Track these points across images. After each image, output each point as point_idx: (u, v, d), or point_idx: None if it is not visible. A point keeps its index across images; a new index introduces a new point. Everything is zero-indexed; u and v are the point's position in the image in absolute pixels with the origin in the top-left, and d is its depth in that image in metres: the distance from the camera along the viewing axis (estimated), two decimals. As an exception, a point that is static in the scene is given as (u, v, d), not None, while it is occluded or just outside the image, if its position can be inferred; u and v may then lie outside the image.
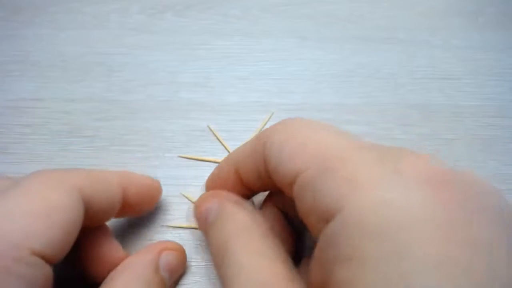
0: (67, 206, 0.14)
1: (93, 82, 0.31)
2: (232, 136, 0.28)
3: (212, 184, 0.21)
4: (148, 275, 0.17)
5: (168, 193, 0.25)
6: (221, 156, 0.27)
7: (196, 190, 0.25)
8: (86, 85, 0.30)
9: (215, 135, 0.28)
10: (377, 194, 0.12)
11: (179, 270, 0.20)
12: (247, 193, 0.20)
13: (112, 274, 0.17)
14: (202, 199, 0.20)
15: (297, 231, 0.21)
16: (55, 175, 0.15)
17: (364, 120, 0.29)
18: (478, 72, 0.33)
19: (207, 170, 0.26)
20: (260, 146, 0.17)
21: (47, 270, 0.14)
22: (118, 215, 0.20)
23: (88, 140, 0.27)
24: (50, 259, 0.14)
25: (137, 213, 0.21)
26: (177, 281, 0.21)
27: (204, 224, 0.19)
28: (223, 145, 0.27)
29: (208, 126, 0.28)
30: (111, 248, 0.18)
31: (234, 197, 0.19)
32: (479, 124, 0.29)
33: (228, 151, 0.27)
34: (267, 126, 0.28)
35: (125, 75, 0.31)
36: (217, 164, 0.26)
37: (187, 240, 0.23)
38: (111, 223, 0.22)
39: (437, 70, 0.33)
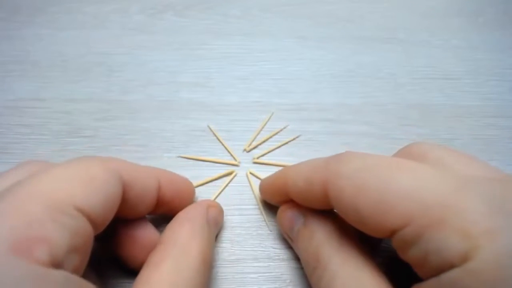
0: (107, 179, 0.16)
1: (93, 82, 0.31)
2: (232, 136, 0.28)
3: (266, 190, 0.22)
4: (204, 226, 0.19)
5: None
6: (221, 156, 0.27)
7: (196, 190, 0.25)
8: (86, 85, 0.30)
9: (215, 135, 0.28)
10: (500, 246, 0.12)
11: (220, 225, 0.22)
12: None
13: (171, 225, 0.19)
14: (285, 208, 0.21)
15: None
16: (97, 157, 0.17)
17: (364, 120, 0.29)
18: (478, 72, 0.33)
19: (207, 170, 0.26)
20: (319, 186, 0.17)
21: (88, 228, 0.15)
22: (154, 211, 0.20)
23: (88, 140, 0.27)
24: (91, 219, 0.15)
25: (171, 211, 0.21)
26: (216, 236, 0.22)
27: (290, 232, 0.20)
28: (223, 145, 0.27)
29: (208, 126, 0.28)
30: (146, 231, 0.19)
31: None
32: (479, 124, 0.29)
33: (228, 151, 0.27)
34: (267, 126, 0.28)
35: (125, 75, 0.31)
36: (216, 164, 0.26)
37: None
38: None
39: (437, 70, 0.33)
